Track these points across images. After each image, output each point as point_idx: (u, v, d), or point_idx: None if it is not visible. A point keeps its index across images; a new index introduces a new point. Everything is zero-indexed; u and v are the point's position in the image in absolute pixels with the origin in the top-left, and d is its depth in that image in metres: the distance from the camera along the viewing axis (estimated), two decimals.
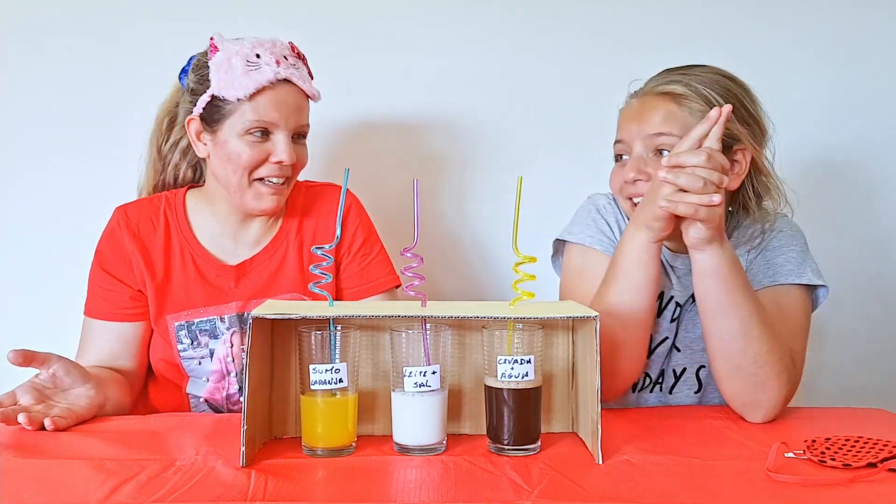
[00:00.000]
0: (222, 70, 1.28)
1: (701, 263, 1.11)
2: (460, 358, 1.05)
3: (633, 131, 1.24)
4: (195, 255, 1.37)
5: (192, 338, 1.35)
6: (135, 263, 1.35)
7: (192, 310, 1.35)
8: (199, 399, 1.36)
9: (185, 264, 1.37)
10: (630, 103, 1.30)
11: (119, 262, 1.36)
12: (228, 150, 1.30)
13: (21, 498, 0.80)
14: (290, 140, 1.31)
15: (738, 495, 0.84)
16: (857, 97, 1.84)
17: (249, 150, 1.29)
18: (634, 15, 1.80)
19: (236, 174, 1.30)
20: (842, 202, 1.87)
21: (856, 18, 1.83)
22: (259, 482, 0.85)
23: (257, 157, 1.29)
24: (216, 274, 1.37)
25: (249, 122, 1.28)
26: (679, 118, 1.21)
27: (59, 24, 1.75)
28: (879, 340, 1.88)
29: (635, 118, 1.25)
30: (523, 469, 0.90)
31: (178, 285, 1.36)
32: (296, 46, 1.35)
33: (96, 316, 1.36)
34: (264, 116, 1.28)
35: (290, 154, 1.29)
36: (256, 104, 1.27)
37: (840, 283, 1.84)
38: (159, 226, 1.38)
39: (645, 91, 1.28)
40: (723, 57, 1.34)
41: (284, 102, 1.29)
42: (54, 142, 1.76)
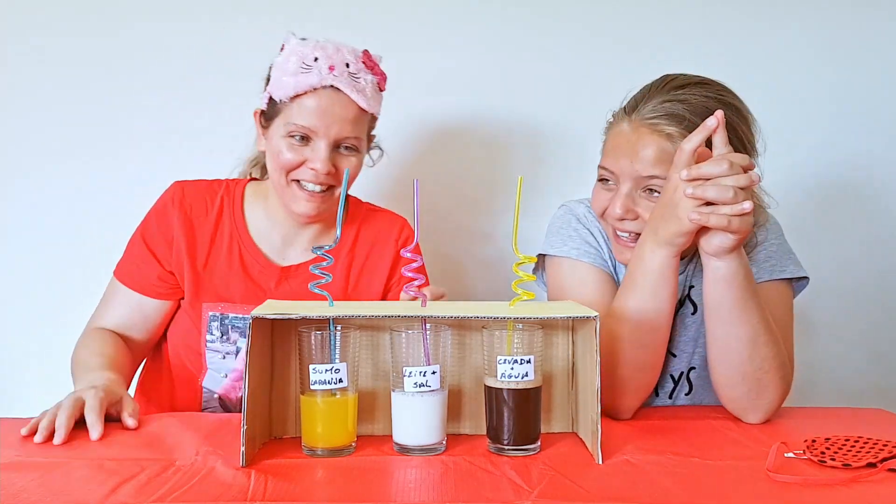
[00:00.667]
0: (280, 69, 1.28)
1: (718, 271, 1.08)
2: (460, 358, 1.05)
3: (624, 167, 1.18)
4: (243, 247, 1.36)
5: (223, 331, 1.34)
6: (176, 243, 1.34)
7: (229, 303, 1.34)
8: (214, 394, 1.35)
9: (231, 254, 1.35)
10: (621, 129, 1.21)
11: (160, 238, 1.35)
12: (273, 149, 1.30)
13: (21, 498, 0.80)
14: (331, 149, 1.28)
15: (738, 495, 0.84)
16: (858, 97, 1.84)
17: (287, 152, 1.28)
18: (635, 15, 1.80)
19: (276, 172, 1.31)
20: (843, 203, 1.87)
21: (857, 18, 1.83)
22: (259, 482, 0.85)
23: (294, 160, 1.28)
24: (260, 270, 1.36)
25: (289, 126, 1.27)
26: (672, 157, 1.12)
27: (59, 24, 1.75)
28: (880, 341, 1.88)
29: (627, 153, 1.18)
30: (523, 469, 0.90)
31: (219, 273, 1.35)
32: (370, 56, 1.31)
33: (123, 281, 1.36)
34: (302, 121, 1.26)
35: (325, 164, 1.27)
36: (299, 107, 1.26)
37: (840, 284, 1.86)
38: (212, 210, 1.37)
39: (640, 119, 1.18)
40: (722, 57, 1.35)
41: (328, 111, 1.26)
42: (54, 142, 1.76)
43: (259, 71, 1.36)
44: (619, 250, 1.25)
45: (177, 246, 1.34)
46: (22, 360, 1.78)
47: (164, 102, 1.76)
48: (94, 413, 1.02)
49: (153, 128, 1.76)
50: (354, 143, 1.31)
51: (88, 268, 1.70)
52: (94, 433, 1.00)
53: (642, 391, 1.15)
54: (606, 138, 1.26)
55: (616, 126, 1.23)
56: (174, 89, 1.76)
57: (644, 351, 1.13)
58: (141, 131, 1.77)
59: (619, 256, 1.26)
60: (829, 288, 1.84)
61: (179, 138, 1.76)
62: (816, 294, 1.82)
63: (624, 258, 1.24)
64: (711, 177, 1.02)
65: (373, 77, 1.31)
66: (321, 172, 1.27)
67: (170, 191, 1.38)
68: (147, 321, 1.36)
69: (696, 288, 1.28)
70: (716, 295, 1.10)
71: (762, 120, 1.24)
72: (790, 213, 1.85)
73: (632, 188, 1.19)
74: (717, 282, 1.09)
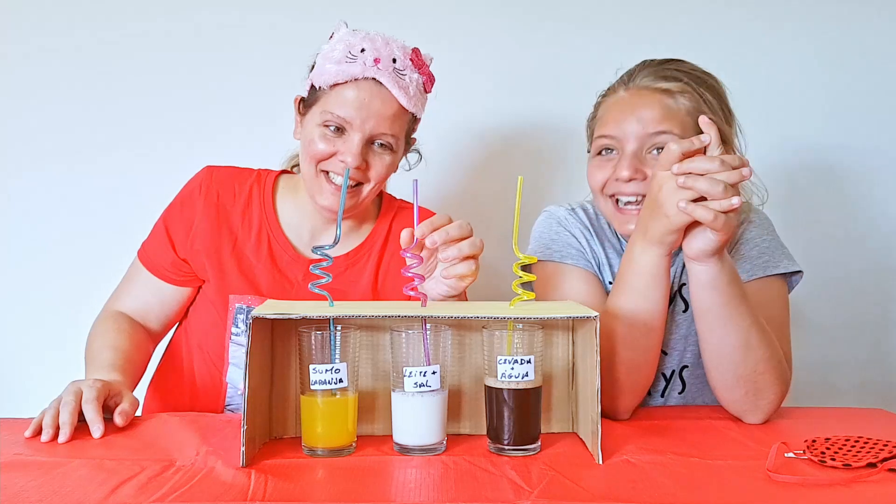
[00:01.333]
0: (325, 56, 1.25)
1: (701, 276, 1.07)
2: (460, 358, 1.05)
3: (628, 129, 1.21)
4: (272, 237, 1.33)
5: (248, 325, 1.31)
6: (197, 230, 1.32)
7: (257, 295, 1.32)
8: (238, 391, 1.32)
9: (260, 243, 1.33)
10: (619, 97, 1.26)
11: (181, 224, 1.33)
12: (306, 136, 1.27)
13: (21, 498, 0.80)
14: (364, 144, 1.24)
15: (738, 495, 0.84)
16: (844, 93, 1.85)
17: (320, 142, 1.25)
18: (634, 14, 1.80)
19: (306, 161, 1.28)
20: (842, 201, 1.87)
21: (839, 12, 1.83)
22: (259, 482, 0.85)
23: (325, 150, 1.25)
24: (288, 261, 1.33)
25: (325, 114, 1.24)
26: (676, 114, 1.20)
27: (59, 24, 1.75)
28: (879, 341, 1.88)
29: (630, 113, 1.21)
30: (523, 469, 0.90)
31: (246, 262, 1.32)
32: (420, 54, 1.27)
33: (144, 262, 1.35)
34: (338, 111, 1.23)
35: (356, 157, 1.23)
36: (337, 97, 1.23)
37: (840, 284, 1.86)
38: (241, 197, 1.34)
39: (637, 85, 1.24)
40: (732, 55, 1.35)
41: (366, 104, 1.22)
42: (56, 141, 1.76)
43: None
44: (623, 221, 1.24)
45: (197, 233, 1.31)
46: (22, 360, 1.78)
47: (174, 101, 1.76)
48: (92, 407, 1.02)
49: (156, 127, 1.76)
50: (390, 142, 1.26)
51: (90, 267, 1.71)
52: (95, 431, 1.00)
53: (638, 391, 1.15)
54: (601, 112, 1.28)
55: (611, 97, 1.27)
56: (185, 88, 1.76)
57: (638, 351, 1.13)
58: (145, 131, 1.77)
59: (621, 228, 1.25)
60: (830, 288, 1.84)
61: (185, 138, 1.77)
62: (816, 294, 1.84)
63: (627, 230, 1.23)
64: (702, 172, 1.00)
65: (419, 76, 1.26)
66: (351, 166, 1.23)
67: (199, 175, 1.36)
68: (164, 307, 1.35)
69: (687, 285, 1.26)
70: (702, 301, 1.09)
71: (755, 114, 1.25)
72: (789, 210, 1.86)
73: (637, 149, 1.20)
74: (702, 287, 1.08)
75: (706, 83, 1.24)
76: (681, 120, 1.20)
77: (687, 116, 1.20)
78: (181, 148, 1.76)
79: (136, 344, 1.29)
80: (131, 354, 1.26)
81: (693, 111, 1.20)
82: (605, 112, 1.27)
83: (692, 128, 1.18)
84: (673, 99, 1.21)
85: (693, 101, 1.21)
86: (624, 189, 1.22)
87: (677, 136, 1.17)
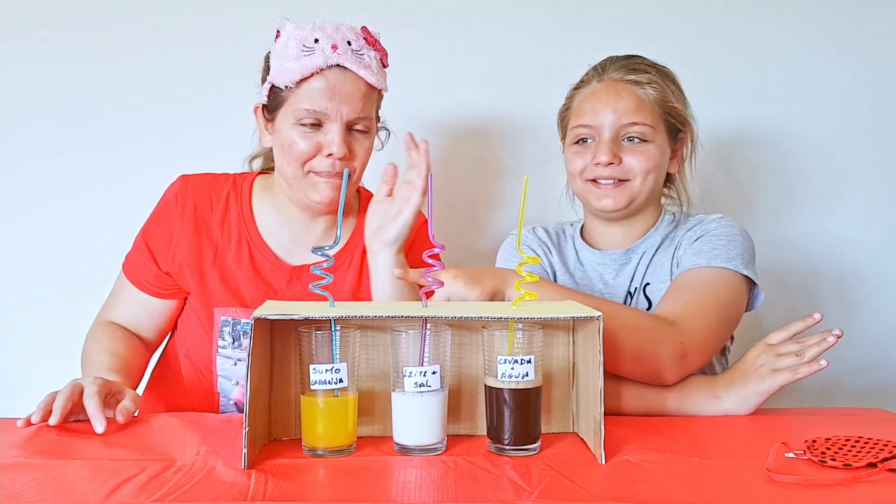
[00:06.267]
0: (279, 56, 1.23)
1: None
2: (460, 358, 1.05)
3: (605, 119, 1.31)
4: (252, 245, 1.32)
5: (234, 337, 1.31)
6: (177, 242, 1.30)
7: (241, 307, 1.31)
8: (230, 400, 1.33)
9: (241, 252, 1.31)
10: (594, 89, 1.35)
11: (161, 237, 1.31)
12: (283, 140, 1.25)
13: (21, 498, 0.80)
14: (344, 131, 1.24)
15: (738, 495, 0.84)
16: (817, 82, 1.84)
17: (301, 141, 1.23)
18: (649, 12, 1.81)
19: (290, 165, 1.25)
20: (842, 199, 1.87)
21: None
22: (259, 482, 0.85)
23: (309, 149, 1.24)
24: (270, 269, 1.32)
25: (299, 112, 1.22)
26: (647, 105, 1.32)
27: (58, 24, 1.75)
28: (879, 340, 1.88)
29: (607, 104, 1.32)
30: (523, 469, 0.90)
31: (228, 272, 1.31)
32: (370, 32, 1.27)
33: (129, 278, 1.34)
34: (313, 105, 1.22)
35: (342, 147, 1.23)
36: (306, 91, 1.22)
37: (840, 283, 1.85)
38: (218, 206, 1.32)
39: (610, 78, 1.34)
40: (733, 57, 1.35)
41: (337, 90, 1.22)
42: (54, 140, 1.76)
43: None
44: (600, 196, 1.34)
45: (178, 245, 1.31)
46: (21, 360, 1.78)
47: (166, 98, 1.76)
48: (94, 402, 1.01)
49: (153, 124, 1.76)
50: (367, 125, 1.27)
51: (89, 267, 1.71)
52: (97, 426, 0.99)
53: None
54: (577, 103, 1.38)
55: (585, 89, 1.37)
56: (174, 85, 1.76)
57: None
58: (140, 129, 1.77)
59: (597, 203, 1.35)
60: (829, 287, 1.84)
61: (181, 135, 1.76)
62: (816, 294, 1.84)
63: (602, 205, 1.34)
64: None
65: (375, 53, 1.27)
66: (338, 157, 1.23)
67: (173, 186, 1.34)
68: (154, 319, 1.35)
69: (652, 285, 1.34)
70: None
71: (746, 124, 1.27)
72: (789, 210, 1.86)
73: (613, 136, 1.31)
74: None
75: (669, 75, 1.36)
76: (650, 109, 1.32)
77: (655, 106, 1.32)
78: (182, 146, 1.76)
79: (132, 349, 1.29)
80: (128, 359, 1.26)
81: (660, 100, 1.33)
82: (580, 103, 1.37)
83: (660, 116, 1.32)
84: (643, 90, 1.32)
85: (659, 90, 1.33)
86: (602, 172, 1.32)
87: (648, 125, 1.31)
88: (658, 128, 1.32)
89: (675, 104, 1.33)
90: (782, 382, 1.16)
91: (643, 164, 1.31)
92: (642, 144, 1.31)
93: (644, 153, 1.31)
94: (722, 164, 1.74)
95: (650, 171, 1.32)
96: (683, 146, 1.38)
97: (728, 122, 1.80)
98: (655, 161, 1.32)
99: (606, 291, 1.37)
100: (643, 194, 1.33)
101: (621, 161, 1.31)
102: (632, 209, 1.35)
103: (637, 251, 1.37)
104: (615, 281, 1.37)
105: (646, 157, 1.31)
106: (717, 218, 1.34)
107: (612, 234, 1.40)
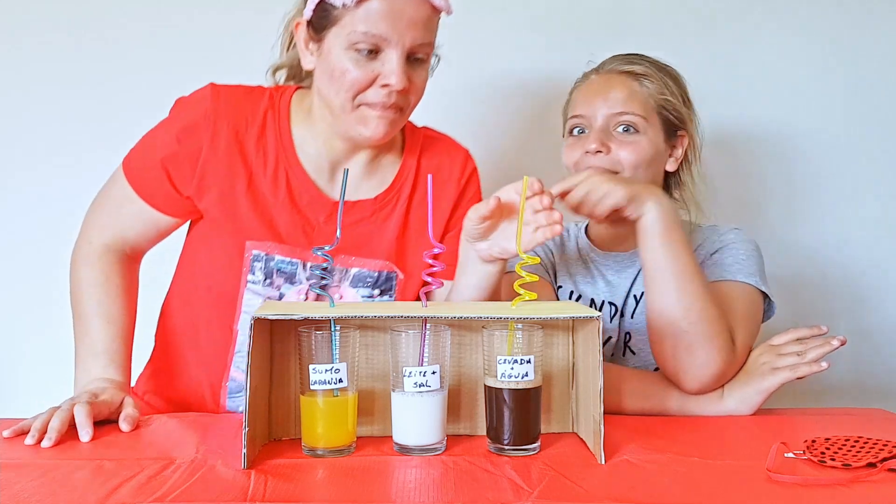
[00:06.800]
0: None
1: (642, 227, 1.16)
2: (460, 358, 1.05)
3: (597, 108, 1.31)
4: (290, 172, 1.18)
5: (266, 273, 1.18)
6: (204, 166, 1.16)
7: (276, 243, 1.18)
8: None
9: (277, 181, 1.18)
10: (590, 81, 1.36)
11: (184, 159, 1.16)
12: (332, 65, 1.11)
13: (21, 498, 0.80)
14: (404, 60, 1.10)
15: (738, 495, 0.84)
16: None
17: (354, 69, 1.09)
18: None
19: (339, 95, 1.12)
20: (842, 198, 1.87)
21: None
22: (259, 482, 0.85)
23: (363, 78, 1.10)
24: (309, 201, 1.19)
25: (354, 35, 1.08)
26: (640, 97, 1.31)
27: (57, 23, 1.75)
28: (879, 340, 1.88)
29: (599, 94, 1.32)
30: (523, 469, 0.90)
31: (263, 203, 1.18)
32: None
33: (138, 192, 1.19)
34: (372, 28, 1.07)
35: (401, 77, 1.09)
36: (365, 13, 1.07)
37: (840, 283, 1.85)
38: (254, 125, 1.18)
39: (607, 69, 1.35)
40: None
41: (400, 13, 1.07)
42: (51, 139, 1.76)
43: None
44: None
45: (205, 168, 1.16)
46: (20, 360, 1.78)
47: (169, 98, 1.74)
48: (83, 410, 1.00)
49: (149, 125, 1.76)
50: (427, 52, 1.13)
51: None
52: (83, 434, 0.99)
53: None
54: (574, 96, 1.38)
55: (583, 82, 1.38)
56: (177, 86, 1.74)
57: None
58: (144, 129, 1.76)
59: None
60: (829, 287, 1.84)
61: None
62: (816, 294, 1.84)
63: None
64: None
65: None
66: (395, 89, 1.09)
67: (201, 99, 1.17)
68: (159, 234, 1.24)
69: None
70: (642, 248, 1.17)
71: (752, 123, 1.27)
72: (787, 208, 1.86)
73: (604, 125, 1.30)
74: (641, 234, 1.17)
75: (670, 73, 1.35)
76: (643, 101, 1.31)
77: (649, 99, 1.31)
78: None
79: (128, 304, 1.20)
80: (126, 325, 1.18)
81: (656, 94, 1.32)
82: (577, 95, 1.38)
83: (654, 110, 1.31)
84: (638, 82, 1.32)
85: (656, 85, 1.32)
86: (592, 162, 1.29)
87: (639, 116, 1.29)
88: (651, 121, 1.30)
89: (672, 100, 1.32)
90: (782, 380, 1.16)
91: (632, 156, 1.28)
92: (633, 135, 1.29)
93: (634, 144, 1.29)
94: (729, 168, 1.74)
95: (639, 163, 1.28)
96: (681, 145, 1.36)
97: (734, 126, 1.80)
98: (645, 154, 1.29)
99: (607, 289, 1.37)
100: None
101: (610, 150, 1.29)
102: (612, 228, 1.33)
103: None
104: (617, 280, 1.36)
105: (635, 149, 1.28)
106: (732, 229, 1.34)
107: (614, 230, 1.37)
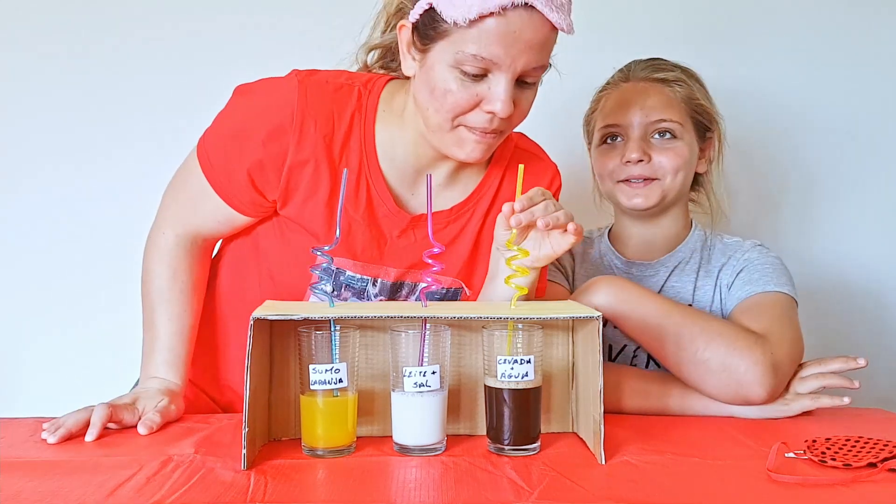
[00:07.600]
0: None
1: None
2: (460, 358, 1.05)
3: (633, 117, 1.32)
4: (371, 182, 1.10)
5: (335, 286, 1.14)
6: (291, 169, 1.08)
7: (351, 260, 1.12)
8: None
9: (359, 193, 1.10)
10: (622, 89, 1.37)
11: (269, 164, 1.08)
12: (434, 81, 1.01)
13: (21, 498, 0.80)
14: (512, 86, 1.00)
15: (738, 495, 0.84)
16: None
17: (457, 91, 1.00)
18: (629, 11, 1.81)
19: (438, 114, 1.03)
20: (842, 198, 1.87)
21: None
22: (259, 482, 0.85)
23: (466, 101, 1.01)
24: (385, 213, 1.12)
25: (463, 56, 0.98)
26: (674, 102, 1.33)
27: (60, 24, 1.75)
28: (879, 340, 1.88)
29: (634, 102, 1.33)
30: (523, 469, 0.90)
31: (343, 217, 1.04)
32: None
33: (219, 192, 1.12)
34: (483, 52, 0.97)
35: (507, 105, 1.00)
36: (479, 33, 0.96)
37: (839, 282, 1.85)
38: (341, 128, 1.08)
39: (637, 78, 1.36)
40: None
41: (516, 37, 0.97)
42: (53, 142, 1.76)
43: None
44: (630, 195, 1.34)
45: (291, 174, 1.08)
46: (20, 360, 1.78)
47: (173, 100, 1.75)
48: (102, 411, 1.01)
49: (162, 128, 1.76)
50: (538, 75, 1.04)
51: (91, 270, 1.71)
52: (89, 434, 1.00)
53: None
54: (604, 104, 1.38)
55: (613, 89, 1.38)
56: (180, 86, 1.75)
57: None
58: (147, 132, 1.76)
59: (628, 202, 1.34)
60: (829, 287, 1.84)
61: (192, 138, 1.76)
62: (816, 292, 1.83)
63: (634, 203, 1.33)
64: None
65: None
66: (499, 116, 1.01)
67: (287, 96, 1.07)
68: (236, 229, 1.18)
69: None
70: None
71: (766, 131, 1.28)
72: (785, 208, 1.86)
73: (643, 134, 1.32)
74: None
75: (693, 75, 1.37)
76: (678, 106, 1.33)
77: (682, 103, 1.34)
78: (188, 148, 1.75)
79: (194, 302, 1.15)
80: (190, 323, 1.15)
81: (687, 99, 1.34)
82: (607, 104, 1.37)
83: (687, 113, 1.34)
84: (670, 88, 1.34)
85: (686, 89, 1.34)
86: (633, 171, 1.32)
87: (677, 122, 1.32)
88: (686, 125, 1.33)
89: (703, 102, 1.35)
90: (802, 409, 1.15)
91: (673, 162, 1.31)
92: (672, 141, 1.32)
93: (674, 150, 1.32)
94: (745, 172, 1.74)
95: (680, 168, 1.32)
96: (711, 146, 1.38)
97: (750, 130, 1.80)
98: (685, 158, 1.33)
99: None
100: (673, 192, 1.33)
101: (651, 159, 1.31)
102: (662, 207, 1.35)
103: (666, 264, 1.37)
104: None
105: (675, 155, 1.32)
106: (753, 245, 1.34)
107: (641, 235, 1.39)
